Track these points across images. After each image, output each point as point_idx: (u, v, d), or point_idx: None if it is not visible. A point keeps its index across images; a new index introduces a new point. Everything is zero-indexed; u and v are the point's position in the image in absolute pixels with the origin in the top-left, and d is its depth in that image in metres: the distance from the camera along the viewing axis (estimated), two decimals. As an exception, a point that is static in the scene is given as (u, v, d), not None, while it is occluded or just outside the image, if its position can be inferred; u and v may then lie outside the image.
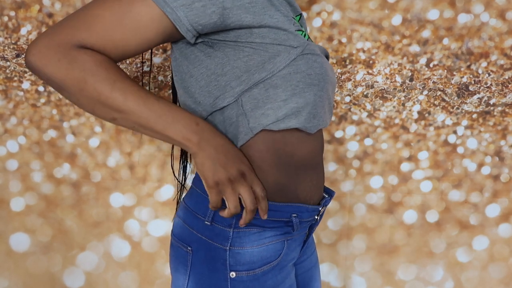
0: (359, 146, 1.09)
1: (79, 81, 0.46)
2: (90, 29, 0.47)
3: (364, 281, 1.17)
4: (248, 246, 0.56)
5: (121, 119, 0.49)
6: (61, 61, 0.46)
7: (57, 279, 1.18)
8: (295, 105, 0.54)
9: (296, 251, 0.64)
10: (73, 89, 0.47)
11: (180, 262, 0.60)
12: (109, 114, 0.49)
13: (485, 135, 1.07)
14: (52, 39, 0.46)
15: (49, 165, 1.12)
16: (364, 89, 1.05)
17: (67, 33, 0.47)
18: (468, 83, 1.04)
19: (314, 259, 0.76)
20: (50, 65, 0.46)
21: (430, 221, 1.12)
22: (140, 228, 1.16)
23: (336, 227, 1.14)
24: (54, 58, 0.45)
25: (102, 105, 0.48)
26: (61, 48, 0.46)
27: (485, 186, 1.10)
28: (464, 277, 1.15)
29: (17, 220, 1.15)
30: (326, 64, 0.58)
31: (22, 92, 1.07)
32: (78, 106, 0.50)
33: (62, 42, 0.46)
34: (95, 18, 0.47)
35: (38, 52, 0.46)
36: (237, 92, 0.54)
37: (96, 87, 0.46)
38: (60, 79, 0.46)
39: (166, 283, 1.18)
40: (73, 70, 0.46)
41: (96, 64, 0.47)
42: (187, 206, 0.61)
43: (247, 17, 0.50)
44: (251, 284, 0.56)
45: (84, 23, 0.47)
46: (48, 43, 0.46)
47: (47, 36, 0.47)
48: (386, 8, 1.00)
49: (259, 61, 0.53)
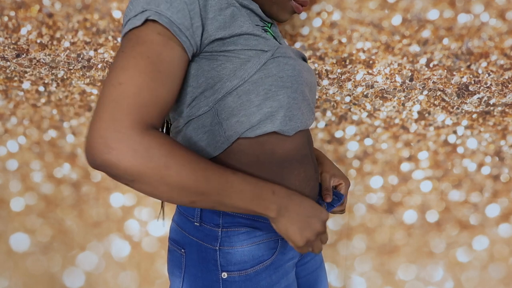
0: (359, 146, 1.09)
1: (160, 168, 0.42)
2: (144, 103, 0.43)
3: (364, 281, 1.17)
4: (238, 245, 0.56)
5: (202, 201, 0.47)
6: (138, 152, 0.41)
7: (57, 279, 1.18)
8: (269, 109, 0.54)
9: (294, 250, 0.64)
10: (153, 179, 0.42)
11: (175, 265, 0.60)
12: (189, 198, 0.46)
13: (485, 135, 1.07)
14: (117, 130, 0.41)
15: (49, 165, 1.12)
16: (364, 89, 1.05)
17: (128, 117, 0.42)
18: (468, 83, 1.04)
19: (318, 260, 0.75)
20: (127, 159, 0.41)
21: (430, 221, 1.12)
22: (140, 228, 1.16)
23: (336, 227, 1.14)
24: (129, 150, 0.41)
25: (182, 191, 0.45)
26: (133, 138, 0.41)
27: (485, 186, 1.10)
28: (464, 277, 1.15)
29: (17, 220, 1.15)
30: (299, 66, 0.58)
31: (22, 92, 1.07)
32: (152, 196, 0.45)
33: (131, 131, 0.41)
34: (141, 90, 0.43)
35: (109, 148, 0.40)
36: (211, 101, 0.54)
37: (178, 171, 0.43)
38: (138, 171, 0.41)
39: (166, 283, 1.18)
40: (152, 159, 0.42)
41: (172, 146, 0.44)
42: (180, 210, 0.62)
43: (219, 32, 0.51)
44: (243, 284, 0.55)
45: (134, 99, 0.43)
46: (117, 136, 0.41)
47: (109, 128, 0.41)
48: (386, 8, 1.00)
49: (231, 69, 0.53)
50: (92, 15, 1.02)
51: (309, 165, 0.63)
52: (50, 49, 1.04)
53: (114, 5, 1.01)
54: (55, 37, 1.03)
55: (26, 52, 1.04)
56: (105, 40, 1.03)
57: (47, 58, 1.04)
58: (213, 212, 0.57)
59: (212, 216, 0.57)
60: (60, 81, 1.06)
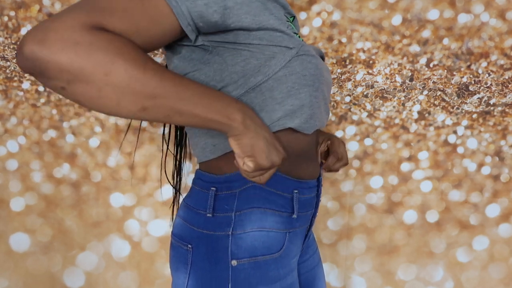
0: (359, 146, 1.09)
1: (105, 63, 0.37)
2: (110, 11, 0.40)
3: (364, 281, 1.17)
4: (249, 228, 0.56)
5: (154, 107, 0.40)
6: (80, 44, 0.36)
7: (57, 279, 1.18)
8: (291, 107, 0.55)
9: (298, 246, 0.64)
10: (96, 77, 0.37)
11: (180, 261, 0.60)
12: (139, 103, 0.39)
13: (485, 135, 1.07)
14: (63, 22, 0.37)
15: (49, 165, 1.12)
16: (364, 89, 1.05)
17: (83, 15, 0.38)
18: (468, 83, 1.03)
19: (316, 258, 0.76)
20: (64, 51, 0.36)
21: (430, 221, 1.12)
22: (140, 228, 1.16)
23: (336, 227, 1.14)
24: (69, 41, 0.36)
25: (132, 93, 0.39)
26: (77, 30, 0.36)
27: (485, 186, 1.09)
28: (464, 277, 1.15)
29: (17, 220, 1.15)
30: (321, 65, 0.59)
31: (22, 92, 1.07)
32: (96, 102, 0.39)
33: (77, 24, 0.37)
34: (114, 1, 0.41)
35: (44, 38, 0.35)
36: (234, 96, 0.54)
37: (126, 68, 0.38)
38: (78, 65, 0.36)
39: (166, 283, 1.18)
40: (96, 52, 0.37)
41: (123, 43, 0.39)
42: (188, 205, 0.62)
43: (247, 17, 0.50)
44: (252, 272, 0.56)
45: (101, 5, 0.40)
46: (58, 27, 0.36)
47: (55, 21, 0.37)
48: (386, 8, 1.00)
49: (256, 65, 0.53)
50: (92, 15, 1.02)
51: (316, 161, 0.65)
52: (50, 49, 1.04)
53: (114, 5, 1.02)
54: (55, 37, 1.03)
55: (26, 52, 1.04)
56: (105, 40, 1.03)
57: (47, 58, 1.04)
58: (229, 196, 0.57)
59: (228, 200, 0.57)
60: (60, 81, 1.06)
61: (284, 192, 0.59)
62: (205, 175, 0.60)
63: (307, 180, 0.62)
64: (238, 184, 0.57)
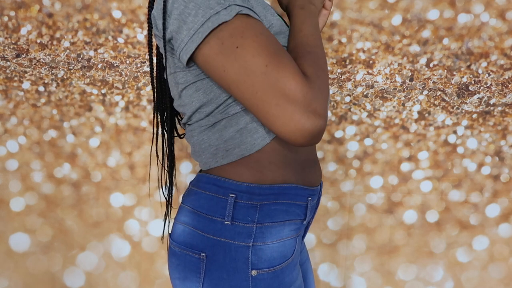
0: (359, 146, 1.09)
1: (326, 83, 0.50)
2: (291, 60, 0.48)
3: (364, 281, 1.17)
4: (269, 241, 0.56)
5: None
6: (324, 92, 0.48)
7: (57, 279, 1.18)
8: None
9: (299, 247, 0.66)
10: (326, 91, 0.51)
11: (189, 270, 0.58)
12: None
13: (485, 135, 1.07)
14: (305, 94, 0.45)
15: (49, 165, 1.12)
16: (364, 89, 1.05)
17: (295, 80, 0.45)
18: (468, 83, 1.04)
19: (305, 252, 0.79)
20: (325, 106, 0.47)
21: (430, 221, 1.12)
22: (140, 228, 1.16)
23: (336, 227, 1.14)
24: (324, 95, 0.47)
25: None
26: (313, 89, 0.46)
27: (485, 186, 1.09)
28: (464, 277, 1.15)
29: (17, 220, 1.15)
30: None
31: (22, 92, 1.07)
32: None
33: (306, 87, 0.46)
34: (280, 53, 0.47)
35: (320, 115, 0.45)
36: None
37: (326, 73, 0.52)
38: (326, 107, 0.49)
39: (166, 283, 1.18)
40: (325, 87, 0.49)
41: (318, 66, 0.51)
42: (196, 211, 0.58)
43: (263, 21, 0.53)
44: (271, 281, 0.56)
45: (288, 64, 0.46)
46: (311, 100, 0.45)
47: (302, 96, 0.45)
48: (386, 8, 1.00)
49: None
50: (92, 15, 1.02)
51: (318, 165, 0.68)
52: (50, 49, 1.04)
53: (114, 5, 1.01)
54: (55, 37, 1.03)
55: (26, 52, 1.04)
56: (105, 40, 1.03)
57: (47, 58, 1.04)
58: (249, 207, 0.56)
59: (248, 211, 0.56)
60: (60, 81, 1.06)
61: (301, 202, 0.61)
62: (220, 180, 0.57)
63: (316, 187, 0.65)
64: (260, 198, 0.56)
